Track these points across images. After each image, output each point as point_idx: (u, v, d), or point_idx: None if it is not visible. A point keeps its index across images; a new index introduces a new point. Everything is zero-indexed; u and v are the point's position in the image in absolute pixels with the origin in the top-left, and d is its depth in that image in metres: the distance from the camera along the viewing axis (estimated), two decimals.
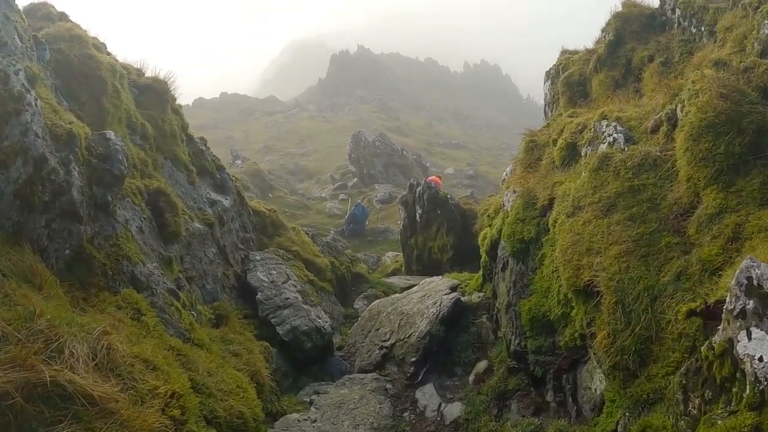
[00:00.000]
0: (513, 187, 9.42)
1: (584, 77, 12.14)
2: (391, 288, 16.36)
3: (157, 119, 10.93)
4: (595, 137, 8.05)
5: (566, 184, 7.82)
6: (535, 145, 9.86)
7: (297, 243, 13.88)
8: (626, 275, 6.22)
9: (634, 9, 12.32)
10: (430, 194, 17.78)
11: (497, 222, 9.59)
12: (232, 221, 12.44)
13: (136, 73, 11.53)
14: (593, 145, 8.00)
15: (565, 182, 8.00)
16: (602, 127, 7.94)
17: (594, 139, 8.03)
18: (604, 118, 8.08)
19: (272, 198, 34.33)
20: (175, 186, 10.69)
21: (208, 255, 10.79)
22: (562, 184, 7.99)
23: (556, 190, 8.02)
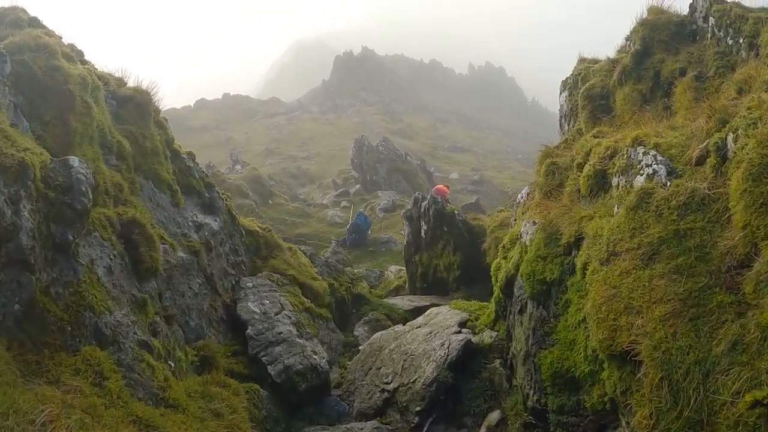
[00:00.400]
0: (532, 217, 8.39)
1: (607, 90, 11.09)
2: (394, 310, 15.34)
3: (137, 135, 9.92)
4: (629, 166, 7.01)
5: (597, 221, 6.78)
6: (556, 168, 8.83)
7: (293, 266, 12.86)
8: (674, 344, 5.20)
9: (662, 16, 11.28)
10: (436, 210, 16.74)
11: (514, 255, 8.56)
12: (222, 245, 11.44)
13: (116, 83, 10.53)
14: (627, 175, 6.96)
15: (594, 217, 6.97)
16: (638, 155, 6.90)
17: (628, 168, 7.00)
18: (639, 144, 7.04)
19: (272, 205, 33.37)
20: (155, 210, 9.69)
21: (192, 287, 9.78)
22: (592, 220, 6.95)
23: (585, 226, 6.98)
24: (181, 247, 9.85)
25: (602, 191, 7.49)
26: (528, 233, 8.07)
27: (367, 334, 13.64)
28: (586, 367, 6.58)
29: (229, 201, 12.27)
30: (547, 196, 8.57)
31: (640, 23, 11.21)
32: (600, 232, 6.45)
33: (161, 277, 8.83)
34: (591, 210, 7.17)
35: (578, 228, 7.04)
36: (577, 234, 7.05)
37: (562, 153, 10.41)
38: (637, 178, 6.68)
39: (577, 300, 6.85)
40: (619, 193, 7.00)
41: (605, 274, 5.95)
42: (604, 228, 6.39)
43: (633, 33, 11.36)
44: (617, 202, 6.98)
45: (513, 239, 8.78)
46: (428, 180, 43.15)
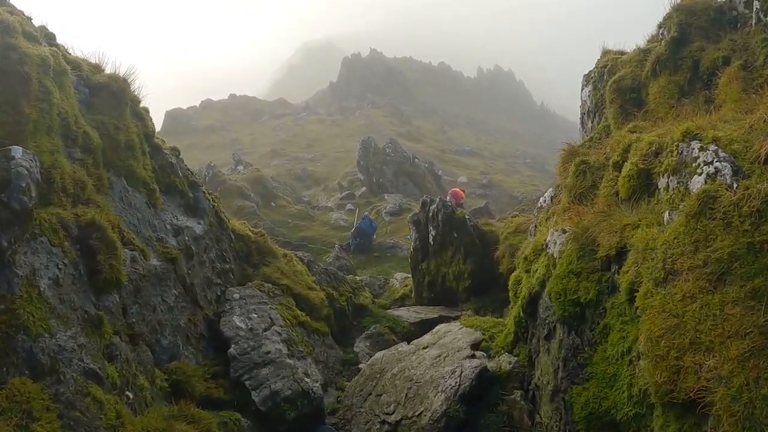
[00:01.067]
0: (560, 224, 7.17)
1: (638, 82, 9.86)
2: (399, 323, 14.12)
3: (109, 126, 8.75)
4: (681, 164, 5.78)
5: (644, 231, 5.55)
6: (587, 167, 7.59)
7: (287, 274, 11.67)
8: (757, 393, 4.00)
9: (698, 1, 10.07)
10: (445, 214, 15.50)
11: (538, 269, 7.32)
12: (206, 251, 10.25)
13: (90, 69, 9.37)
14: (680, 176, 5.73)
15: (640, 226, 5.74)
16: (692, 151, 5.67)
17: (680, 167, 5.77)
18: (693, 138, 5.81)
19: (275, 207, 32.22)
20: (126, 211, 8.51)
21: (167, 300, 8.59)
22: (637, 229, 5.72)
23: (629, 236, 5.76)
24: (155, 253, 8.66)
25: (646, 194, 6.27)
26: (556, 243, 6.84)
27: (368, 350, 12.43)
28: (631, 409, 5.36)
29: (216, 202, 11.09)
30: (578, 200, 7.35)
31: (675, 8, 10.00)
32: (652, 244, 5.22)
33: (127, 289, 7.65)
34: (635, 216, 5.95)
35: (620, 238, 5.82)
36: (619, 245, 5.82)
37: (592, 152, 9.20)
38: (695, 179, 5.45)
39: (619, 326, 5.63)
40: (670, 196, 5.78)
41: (663, 298, 4.72)
42: (657, 240, 5.16)
43: (667, 19, 10.15)
44: (668, 207, 5.76)
45: (537, 250, 7.55)
46: (436, 183, 41.91)
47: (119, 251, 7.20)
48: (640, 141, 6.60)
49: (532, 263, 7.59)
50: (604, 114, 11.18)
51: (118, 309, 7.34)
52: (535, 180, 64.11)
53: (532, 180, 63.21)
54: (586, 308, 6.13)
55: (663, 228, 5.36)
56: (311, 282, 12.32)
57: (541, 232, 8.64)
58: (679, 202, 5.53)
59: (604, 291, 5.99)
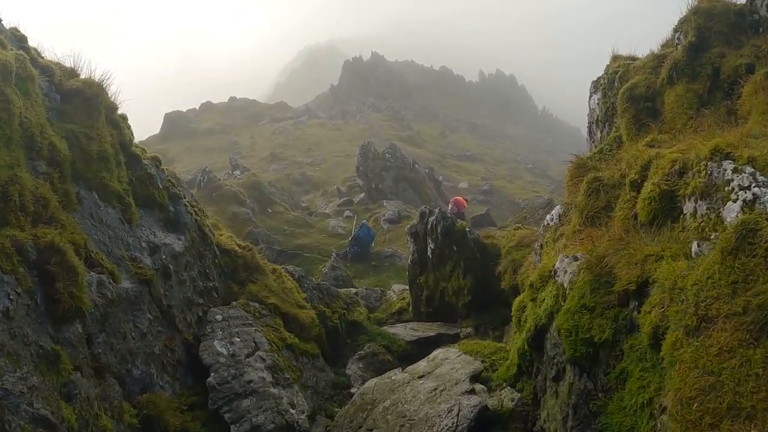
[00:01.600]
0: (572, 249, 6.47)
1: (653, 90, 9.16)
2: (394, 342, 13.42)
3: (80, 136, 8.07)
4: (711, 187, 5.09)
5: (669, 264, 4.85)
6: (600, 185, 6.89)
7: (275, 292, 10.97)
8: None
9: (716, 4, 9.38)
10: (444, 226, 14.80)
11: (546, 298, 6.61)
12: (187, 268, 9.56)
13: (64, 74, 8.69)
14: (710, 201, 5.04)
15: (664, 257, 5.04)
16: (725, 173, 4.98)
17: (711, 191, 5.07)
18: (725, 157, 5.12)
19: (271, 213, 31.52)
20: (96, 229, 7.82)
21: (139, 326, 7.89)
22: (661, 261, 5.02)
23: (651, 269, 5.06)
24: (128, 274, 7.97)
25: (669, 219, 5.57)
26: (566, 272, 6.14)
27: (361, 372, 11.73)
28: None
29: (200, 215, 10.41)
30: (591, 222, 6.66)
31: (692, 11, 9.31)
32: (680, 282, 4.51)
33: (92, 316, 6.96)
34: (657, 246, 5.25)
35: (642, 271, 5.12)
36: (640, 279, 5.12)
37: (604, 166, 8.50)
38: (729, 206, 4.76)
39: (639, 373, 4.93)
40: (698, 224, 5.08)
41: (696, 351, 4.02)
42: (687, 278, 4.45)
43: (684, 23, 9.46)
44: (696, 236, 5.06)
45: (544, 276, 6.85)
46: (436, 189, 41.22)
47: (81, 277, 6.50)
48: (662, 158, 5.90)
49: (539, 291, 6.89)
50: (615, 124, 10.49)
51: (81, 340, 6.64)
52: (537, 186, 63.48)
53: (533, 186, 62.59)
54: (600, 348, 5.44)
55: (692, 262, 4.66)
56: (301, 299, 11.62)
57: (547, 254, 7.93)
58: (710, 231, 4.84)
59: (622, 330, 5.30)
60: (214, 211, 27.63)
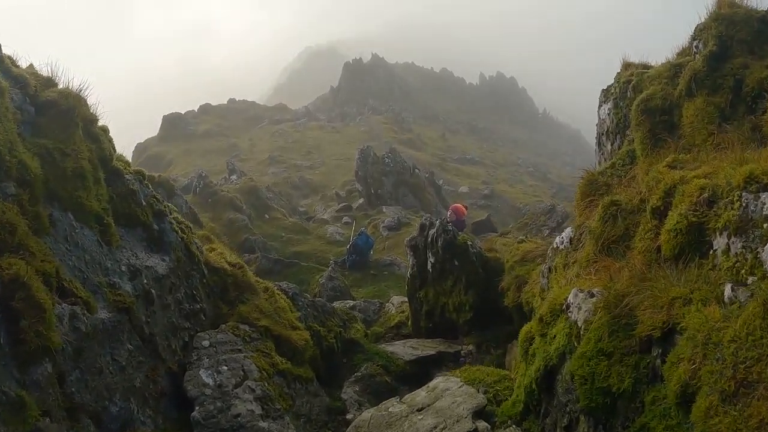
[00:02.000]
0: (585, 282, 5.89)
1: (670, 102, 8.56)
2: (393, 361, 12.86)
3: (54, 152, 7.50)
4: (747, 221, 4.51)
5: (700, 311, 4.28)
6: (618, 210, 6.31)
7: (267, 313, 10.40)
8: None
9: (738, 10, 8.75)
10: (445, 240, 14.22)
11: (557, 336, 6.02)
12: (172, 291, 8.98)
13: (40, 84, 8.11)
14: (747, 238, 4.47)
15: (694, 301, 4.47)
16: (764, 207, 4.41)
17: (747, 226, 4.50)
18: (764, 188, 4.54)
19: (268, 219, 30.94)
20: (71, 254, 7.24)
21: (118, 358, 7.32)
22: (689, 305, 4.46)
23: (678, 314, 4.49)
24: (105, 302, 7.39)
25: (697, 253, 5.00)
26: (581, 309, 5.56)
27: (357, 396, 11.16)
28: None
29: (187, 233, 9.82)
30: (607, 251, 6.09)
31: (713, 18, 8.67)
32: (715, 337, 3.94)
33: (65, 352, 6.39)
34: (685, 287, 4.68)
35: (668, 316, 4.55)
36: (666, 326, 4.55)
37: (616, 182, 7.94)
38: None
39: (663, 431, 4.35)
40: (732, 263, 4.51)
41: (733, 422, 3.47)
42: (724, 333, 3.88)
43: (703, 30, 8.83)
44: (729, 277, 4.49)
45: (554, 310, 6.27)
46: (436, 194, 40.65)
47: (48, 313, 5.93)
48: (688, 184, 5.32)
49: (549, 326, 6.31)
50: (627, 136, 9.92)
51: (51, 380, 6.08)
52: (538, 190, 62.97)
53: (534, 190, 62.06)
54: (618, 399, 4.86)
55: (727, 311, 4.09)
56: (295, 319, 11.04)
57: (557, 281, 7.36)
58: (746, 274, 4.27)
59: (643, 380, 4.73)
60: (210, 217, 27.10)
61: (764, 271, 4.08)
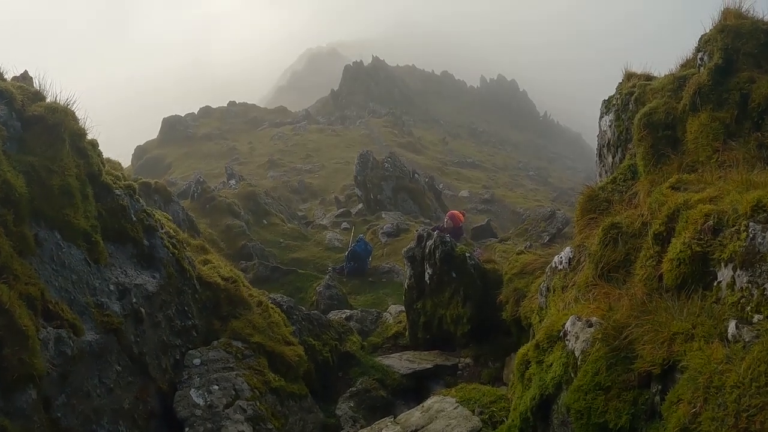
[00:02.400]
0: (584, 309, 5.70)
1: (673, 117, 8.35)
2: (388, 374, 12.68)
3: (40, 169, 7.33)
4: (754, 254, 4.33)
5: (702, 349, 4.09)
6: (619, 233, 6.12)
7: (260, 328, 10.22)
8: None
9: (744, 21, 8.52)
10: (443, 251, 14.02)
11: (554, 365, 5.83)
12: (163, 308, 8.80)
13: (27, 98, 7.96)
14: (753, 272, 4.28)
15: (696, 337, 4.28)
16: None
17: (753, 259, 4.31)
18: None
19: (266, 225, 30.73)
20: (58, 274, 7.07)
21: (105, 380, 7.14)
22: (691, 342, 4.27)
23: (679, 351, 4.31)
24: (93, 323, 7.22)
25: (701, 285, 4.81)
26: (578, 338, 5.37)
27: (352, 412, 10.98)
28: None
29: (179, 248, 9.64)
30: (606, 276, 5.90)
31: (718, 29, 8.43)
32: (717, 380, 3.75)
33: (50, 377, 6.22)
34: (687, 322, 4.49)
35: (668, 353, 4.36)
36: (666, 362, 4.36)
37: (617, 198, 7.76)
38: None
39: None
40: (737, 299, 4.32)
41: None
42: (726, 377, 3.69)
43: (708, 42, 8.59)
44: (733, 313, 4.30)
45: (551, 336, 6.08)
46: (436, 199, 40.43)
47: (32, 340, 5.77)
48: (692, 209, 5.13)
49: (546, 353, 6.11)
50: (630, 150, 9.72)
51: (36, 406, 5.92)
52: (539, 194, 62.71)
53: (535, 195, 61.80)
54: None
55: (731, 351, 3.90)
56: (288, 334, 10.85)
57: (555, 304, 7.17)
58: (752, 312, 4.09)
59: (641, 416, 4.54)
60: (208, 223, 26.90)
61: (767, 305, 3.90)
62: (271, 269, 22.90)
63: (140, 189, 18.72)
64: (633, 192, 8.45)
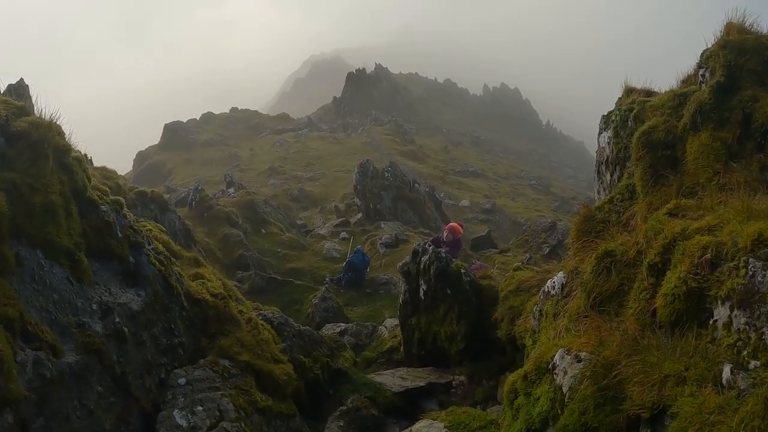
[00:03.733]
0: (573, 341, 5.50)
1: (673, 135, 8.15)
2: (380, 392, 12.46)
3: (22, 186, 7.17)
4: (753, 293, 4.13)
5: (695, 395, 3.90)
6: (612, 262, 5.92)
7: (249, 346, 10.02)
8: None
9: (747, 37, 8.28)
10: (438, 267, 13.82)
11: (541, 398, 5.62)
12: (148, 327, 8.61)
13: (13, 112, 7.81)
14: (752, 313, 4.08)
15: (689, 381, 4.09)
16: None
17: (752, 299, 4.11)
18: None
19: (264, 234, 30.53)
20: (39, 294, 6.89)
21: (86, 402, 6.96)
22: (683, 386, 4.07)
23: (670, 394, 4.11)
24: (73, 344, 7.03)
25: (695, 322, 4.61)
26: (566, 373, 5.18)
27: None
28: None
29: (166, 265, 9.45)
30: (598, 307, 5.70)
31: (720, 45, 8.19)
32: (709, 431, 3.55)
33: (28, 400, 6.04)
34: (680, 363, 4.29)
35: (659, 396, 4.17)
36: (656, 407, 4.16)
37: (614, 219, 7.58)
38: None
39: None
40: (733, 341, 4.13)
41: None
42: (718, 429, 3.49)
43: (710, 58, 8.36)
44: (729, 356, 4.11)
45: (540, 368, 5.87)
46: (437, 209, 40.23)
47: (8, 364, 5.62)
48: (689, 240, 4.93)
49: (534, 385, 5.90)
50: (628, 168, 9.52)
51: (13, 430, 5.74)
52: (540, 204, 62.51)
53: (536, 204, 61.60)
54: None
55: (724, 400, 3.71)
56: (278, 352, 10.65)
57: (546, 331, 6.98)
58: (748, 357, 3.90)
59: None
60: (206, 232, 26.75)
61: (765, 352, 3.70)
62: (267, 280, 22.70)
63: (136, 198, 18.67)
64: (630, 213, 8.27)
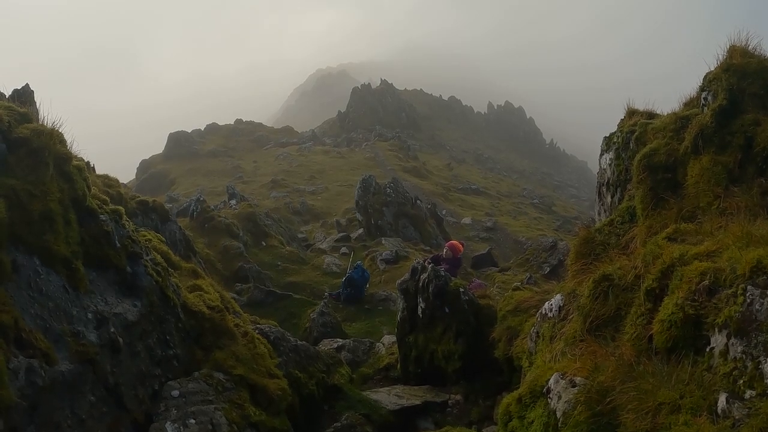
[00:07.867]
0: (569, 365, 5.45)
1: (674, 159, 8.13)
2: (376, 410, 12.35)
3: (21, 193, 7.17)
4: (751, 321, 4.09)
5: (689, 424, 3.84)
6: (610, 287, 5.88)
7: (244, 360, 9.96)
8: None
9: (750, 60, 8.26)
10: (436, 286, 13.78)
11: (535, 422, 5.54)
12: (143, 337, 8.57)
13: (15, 119, 7.83)
14: (749, 342, 4.04)
15: (683, 410, 4.04)
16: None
17: (750, 327, 4.07)
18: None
19: (265, 247, 30.49)
20: (34, 301, 6.86)
21: (78, 411, 6.90)
22: (677, 414, 4.02)
23: (664, 423, 4.05)
24: (67, 353, 6.99)
25: (692, 349, 4.57)
26: (561, 398, 5.12)
27: None
28: None
29: (163, 276, 9.42)
30: (595, 332, 5.65)
31: (723, 68, 8.18)
32: None
33: (19, 407, 6.00)
34: (675, 391, 4.24)
35: (652, 425, 4.11)
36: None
37: (614, 241, 7.55)
38: None
39: None
40: (730, 370, 4.08)
41: None
42: None
43: (713, 81, 8.35)
44: (724, 385, 4.06)
45: (535, 391, 5.80)
46: (438, 226, 40.20)
47: (0, 370, 5.56)
48: (688, 265, 4.90)
49: (528, 408, 5.82)
50: (628, 190, 9.51)
51: None
52: (542, 223, 62.40)
53: (538, 223, 61.52)
54: None
55: (720, 430, 3.66)
56: (273, 366, 10.58)
57: (542, 354, 6.92)
58: (744, 387, 3.85)
59: None
60: (206, 243, 26.71)
61: (765, 386, 3.65)
62: (266, 293, 22.62)
63: (138, 207, 18.64)
64: (630, 236, 8.24)
